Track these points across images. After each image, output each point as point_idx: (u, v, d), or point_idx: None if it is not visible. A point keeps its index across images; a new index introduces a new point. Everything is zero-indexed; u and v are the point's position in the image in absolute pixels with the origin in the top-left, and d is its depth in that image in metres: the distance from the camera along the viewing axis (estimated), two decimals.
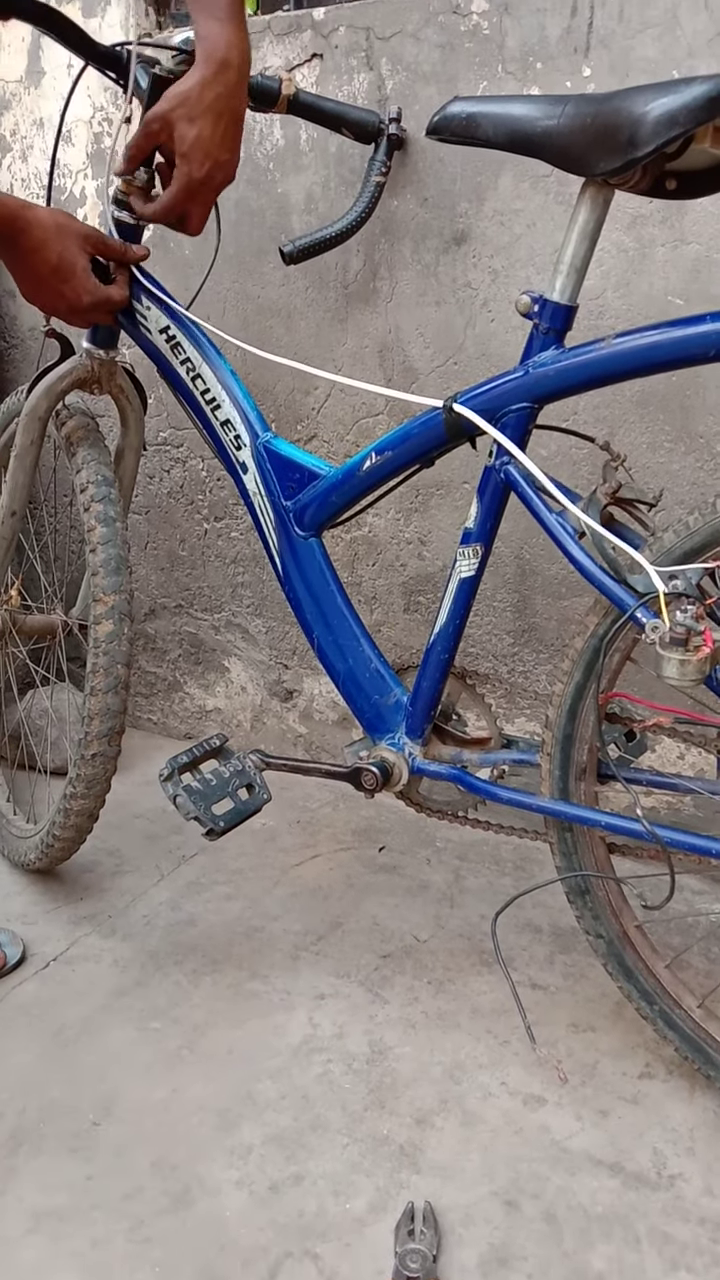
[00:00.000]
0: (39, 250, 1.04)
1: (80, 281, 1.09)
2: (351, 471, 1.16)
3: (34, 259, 1.05)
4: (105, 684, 1.25)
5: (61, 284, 1.07)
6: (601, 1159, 1.03)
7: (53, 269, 1.06)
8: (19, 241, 1.04)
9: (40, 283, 1.07)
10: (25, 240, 1.04)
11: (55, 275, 1.06)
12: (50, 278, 1.06)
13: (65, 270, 1.07)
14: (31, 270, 1.06)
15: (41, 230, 1.04)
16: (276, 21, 1.49)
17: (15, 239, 1.04)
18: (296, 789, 1.73)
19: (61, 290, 1.08)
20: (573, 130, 0.92)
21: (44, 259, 1.05)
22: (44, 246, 1.04)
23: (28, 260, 1.05)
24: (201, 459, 1.76)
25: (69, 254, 1.06)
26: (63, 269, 1.06)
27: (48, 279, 1.06)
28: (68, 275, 1.07)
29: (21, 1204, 0.98)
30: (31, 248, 1.04)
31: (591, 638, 1.01)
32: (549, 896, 1.41)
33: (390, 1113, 1.09)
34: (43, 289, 1.08)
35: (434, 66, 1.38)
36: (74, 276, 1.08)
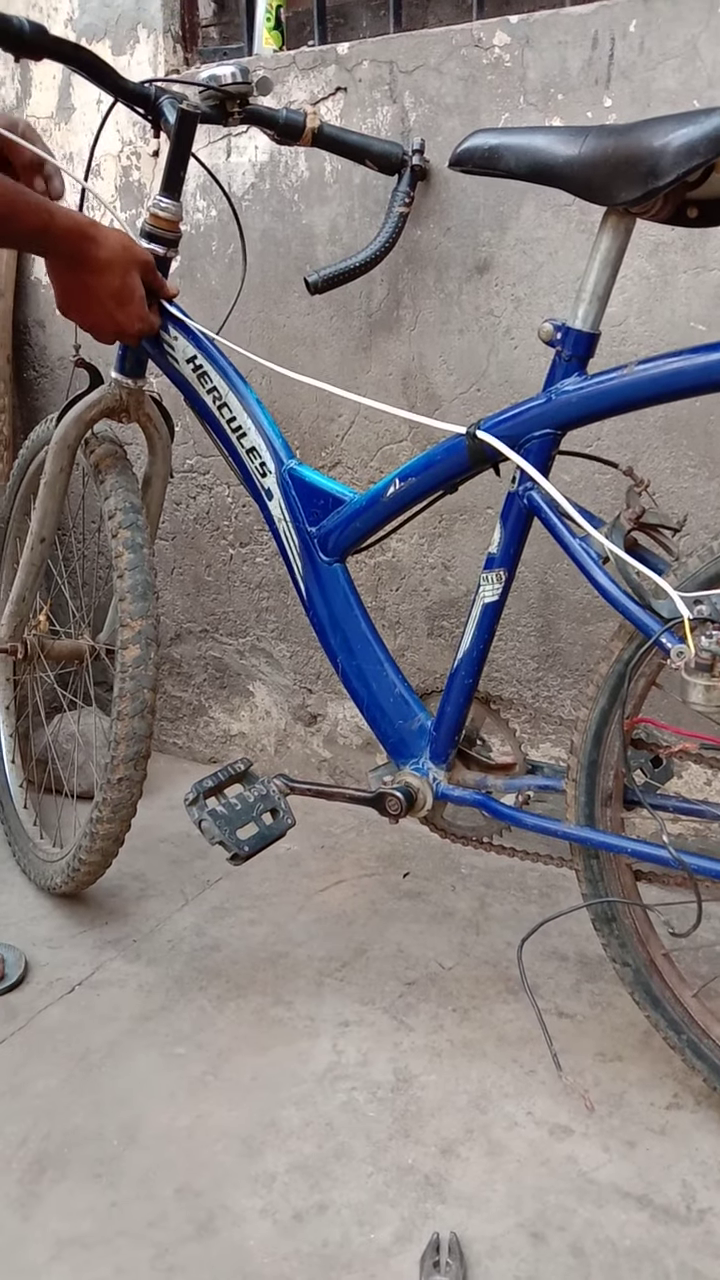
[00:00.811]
0: (104, 272, 1.05)
1: (136, 309, 1.10)
2: (375, 498, 1.17)
3: (97, 280, 1.06)
4: (132, 708, 1.26)
5: (118, 308, 1.08)
6: (629, 1191, 1.01)
7: (113, 292, 1.07)
8: (86, 260, 1.04)
9: (96, 303, 1.07)
10: (92, 260, 1.05)
11: (114, 299, 1.07)
12: (109, 300, 1.07)
13: (125, 295, 1.08)
14: (91, 290, 1.06)
15: (109, 252, 1.05)
16: (301, 56, 1.52)
17: (83, 257, 1.04)
18: (320, 814, 1.73)
19: (115, 314, 1.09)
20: (594, 161, 0.93)
21: (107, 281, 1.06)
22: (109, 269, 1.05)
23: (90, 280, 1.06)
24: (227, 485, 1.78)
25: (131, 280, 1.08)
26: (123, 294, 1.08)
27: (105, 301, 1.07)
28: (126, 300, 1.08)
29: (46, 1230, 0.98)
30: (97, 268, 1.05)
31: (616, 663, 1.01)
32: (575, 924, 1.40)
33: (415, 1142, 1.08)
34: (96, 308, 1.08)
35: (456, 99, 1.40)
36: (131, 303, 1.09)
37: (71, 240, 1.03)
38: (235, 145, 1.61)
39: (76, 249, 1.04)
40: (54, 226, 1.01)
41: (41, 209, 1.00)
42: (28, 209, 0.99)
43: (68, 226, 1.02)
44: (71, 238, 1.03)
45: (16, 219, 0.98)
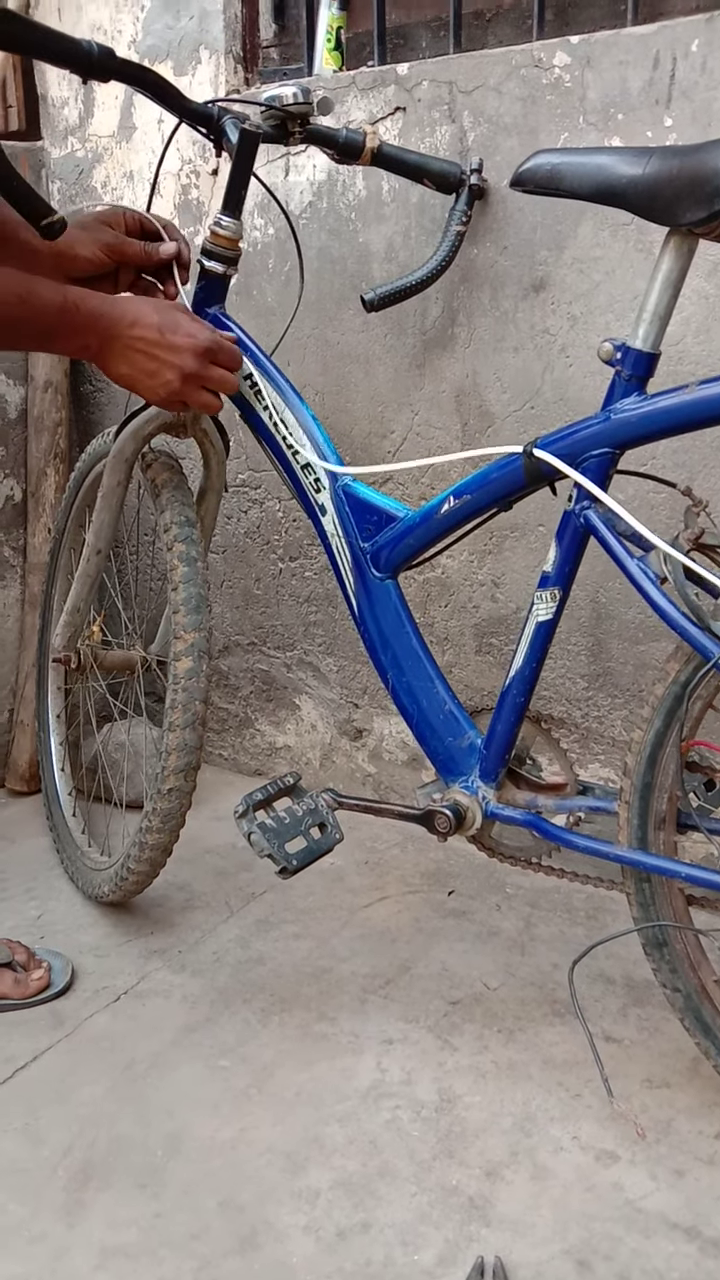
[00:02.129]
0: (139, 319, 1.04)
1: (189, 325, 1.08)
2: (429, 514, 1.17)
3: (137, 329, 1.04)
4: (183, 719, 1.27)
5: (173, 335, 1.06)
6: (677, 1222, 1.00)
7: (158, 326, 1.05)
8: (114, 322, 1.04)
9: (153, 348, 1.06)
10: (120, 317, 1.04)
11: (163, 331, 1.05)
12: (160, 337, 1.05)
13: (170, 324, 1.06)
14: (140, 341, 1.05)
15: (133, 303, 1.05)
16: (361, 77, 1.53)
17: (106, 319, 1.04)
18: (364, 829, 1.73)
19: (175, 341, 1.06)
20: (658, 181, 0.92)
21: (148, 323, 1.05)
22: (142, 314, 1.05)
23: (131, 334, 1.04)
24: (278, 500, 1.79)
25: (168, 312, 1.06)
26: (168, 323, 1.06)
27: (158, 340, 1.05)
28: (175, 326, 1.06)
29: (90, 1239, 0.99)
30: (131, 321, 1.04)
31: (673, 684, 1.00)
32: (622, 947, 1.38)
33: (459, 1163, 1.07)
34: (157, 353, 1.06)
35: (515, 118, 1.41)
36: (181, 324, 1.07)
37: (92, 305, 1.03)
38: (294, 164, 1.63)
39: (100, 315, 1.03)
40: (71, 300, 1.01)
41: (56, 287, 1.00)
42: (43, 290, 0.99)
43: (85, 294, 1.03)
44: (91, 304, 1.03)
45: (33, 301, 0.98)
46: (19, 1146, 1.10)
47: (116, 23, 1.78)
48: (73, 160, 1.90)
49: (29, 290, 0.99)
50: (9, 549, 1.90)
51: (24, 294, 0.99)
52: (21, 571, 1.92)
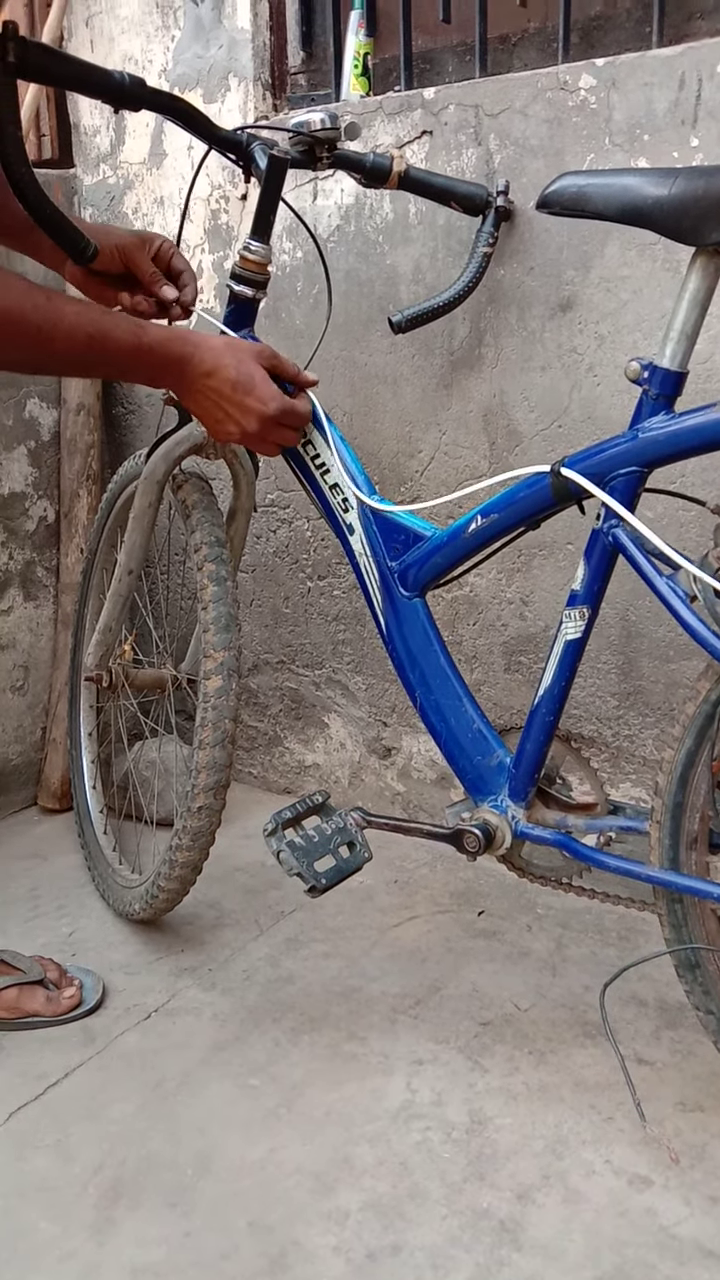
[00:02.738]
0: (216, 371, 1.05)
1: (263, 389, 1.08)
2: (457, 533, 1.17)
3: (213, 380, 1.05)
4: (213, 738, 1.27)
5: (245, 396, 1.07)
6: (713, 1249, 0.98)
7: (233, 384, 1.06)
8: (190, 368, 1.05)
9: (224, 401, 1.07)
10: (196, 365, 1.05)
11: (237, 390, 1.06)
12: (232, 394, 1.06)
13: (245, 383, 1.06)
14: (213, 392, 1.06)
15: (212, 352, 1.05)
16: (388, 101, 1.55)
17: (184, 366, 1.04)
18: (394, 848, 1.73)
19: (246, 403, 1.07)
20: (684, 201, 0.93)
21: (223, 378, 1.05)
22: (219, 367, 1.05)
23: (207, 384, 1.06)
24: (306, 519, 1.80)
25: (245, 366, 1.07)
26: (242, 382, 1.06)
27: (230, 396, 1.06)
28: (249, 387, 1.07)
29: (120, 1258, 0.99)
30: (207, 371, 1.05)
31: (704, 703, 0.99)
32: (654, 969, 1.37)
33: (490, 1185, 1.06)
34: (227, 408, 1.07)
35: (541, 141, 1.42)
36: (255, 387, 1.07)
37: (170, 350, 1.04)
38: (321, 188, 1.65)
39: (178, 360, 1.04)
40: (146, 340, 1.02)
41: (132, 324, 1.02)
42: (116, 327, 1.00)
43: (162, 337, 1.03)
44: (169, 350, 1.04)
45: (107, 340, 0.99)
46: (50, 1163, 1.10)
47: (148, 53, 1.82)
48: (104, 187, 1.93)
49: (100, 330, 1.00)
50: (42, 569, 1.93)
51: (95, 334, 0.99)
52: (55, 591, 1.95)
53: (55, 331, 0.97)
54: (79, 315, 0.98)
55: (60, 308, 0.97)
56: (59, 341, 0.98)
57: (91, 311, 1.00)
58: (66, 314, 0.98)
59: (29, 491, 1.89)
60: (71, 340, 0.98)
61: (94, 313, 1.00)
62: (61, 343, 0.98)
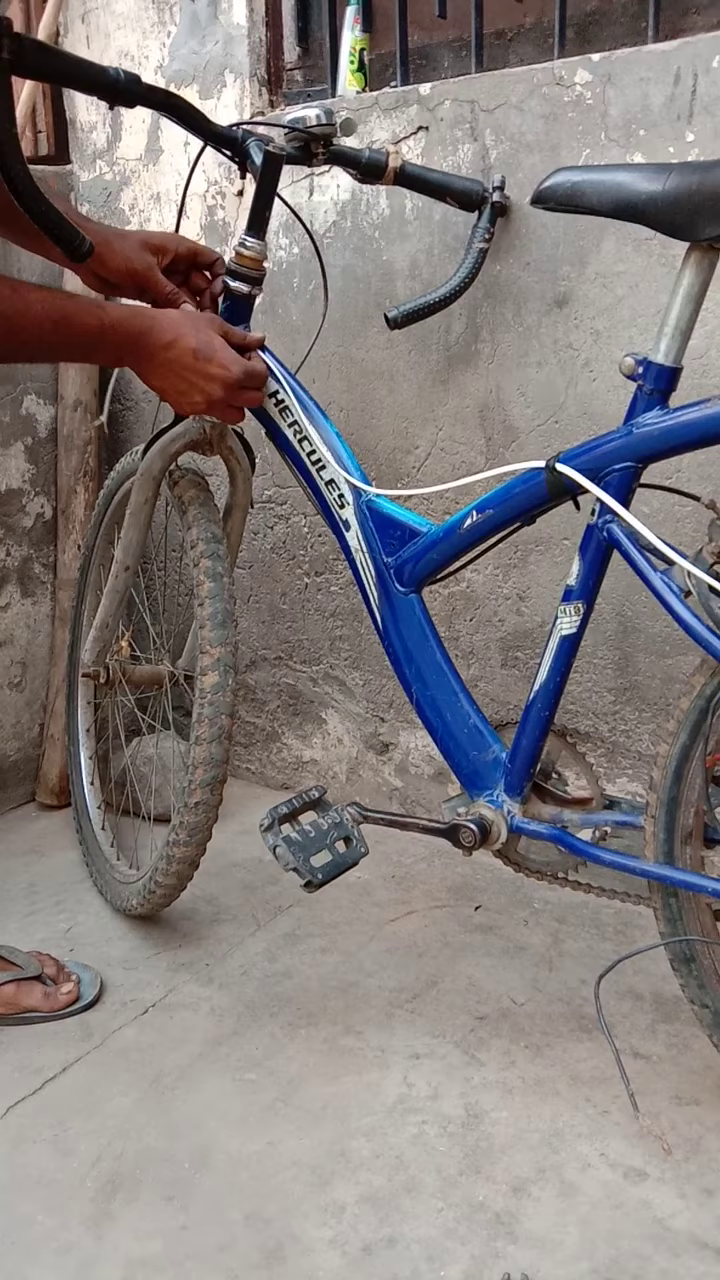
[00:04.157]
0: (176, 341, 1.06)
1: (223, 354, 1.09)
2: (452, 529, 1.18)
3: (173, 351, 1.07)
4: (210, 733, 1.28)
5: (207, 363, 1.08)
6: (707, 1242, 0.99)
7: (194, 352, 1.07)
8: (150, 340, 1.06)
9: (186, 371, 1.08)
10: (156, 336, 1.06)
11: (198, 358, 1.07)
12: (194, 362, 1.07)
13: (205, 350, 1.08)
14: (175, 363, 1.07)
15: (170, 323, 1.07)
16: (384, 97, 1.55)
17: (145, 339, 1.06)
18: (391, 843, 1.73)
19: (209, 370, 1.08)
20: (678, 197, 0.93)
21: (184, 347, 1.07)
22: (179, 336, 1.06)
23: (166, 355, 1.07)
24: (304, 515, 1.81)
25: (204, 334, 1.08)
26: (203, 349, 1.08)
27: (192, 365, 1.07)
28: (210, 353, 1.08)
29: (118, 1250, 0.99)
30: (167, 342, 1.06)
31: (698, 698, 1.00)
32: (650, 963, 1.37)
33: (486, 1179, 1.07)
34: (190, 377, 1.09)
35: (537, 136, 1.42)
36: (216, 352, 1.09)
37: (130, 326, 1.05)
38: (317, 184, 1.65)
39: (137, 333, 1.05)
40: (109, 319, 1.03)
41: (94, 305, 1.03)
42: (80, 310, 1.02)
43: (122, 318, 1.05)
44: (129, 326, 1.05)
45: (72, 322, 1.01)
46: (48, 1157, 1.11)
47: (144, 49, 1.82)
48: (101, 183, 1.93)
49: (64, 314, 1.01)
50: (40, 565, 1.93)
51: (59, 318, 1.01)
52: (52, 588, 1.95)
53: (22, 319, 0.98)
54: (44, 301, 1.00)
55: (25, 294, 0.99)
56: (27, 329, 0.99)
57: (55, 297, 1.01)
58: (32, 300, 0.99)
59: (26, 488, 1.89)
60: (39, 326, 0.99)
61: (58, 298, 1.02)
62: (29, 330, 0.99)
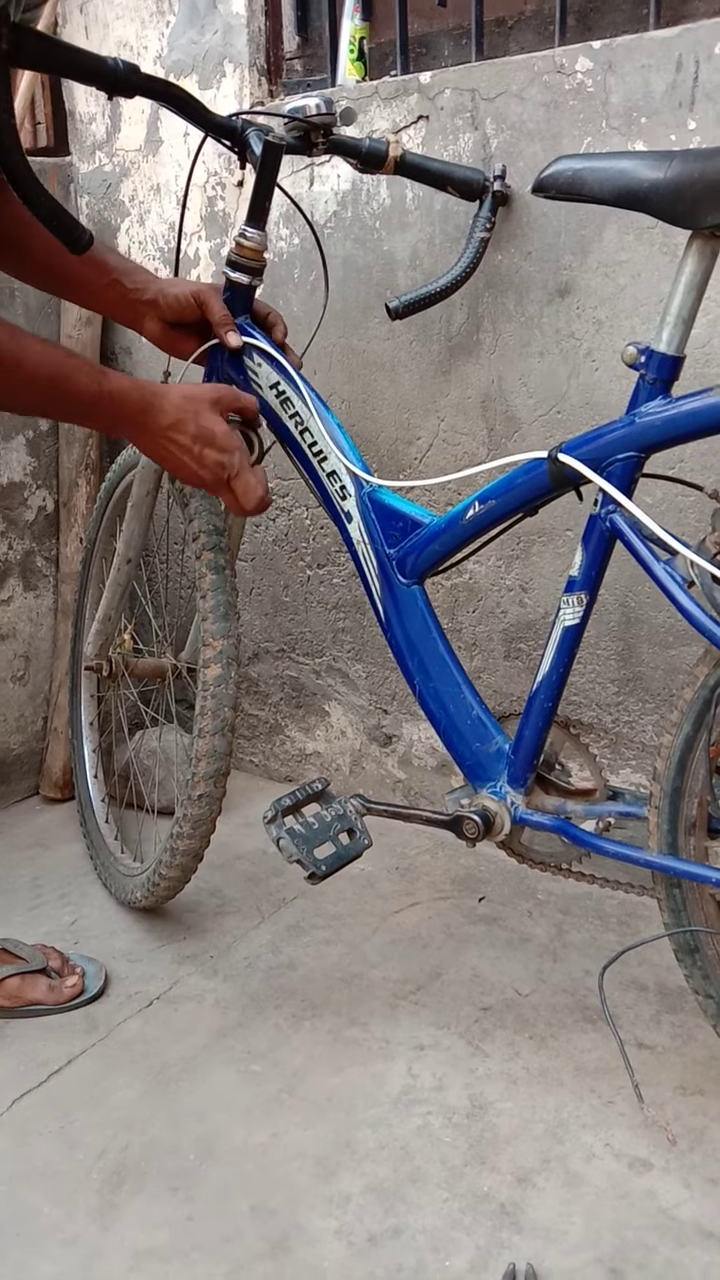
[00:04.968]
0: (176, 424, 1.07)
1: (223, 441, 1.10)
2: (454, 520, 1.17)
3: (174, 433, 1.08)
4: (213, 726, 1.28)
5: (205, 448, 1.09)
6: (712, 1231, 0.99)
7: (193, 436, 1.08)
8: (150, 419, 1.07)
9: (184, 454, 1.09)
10: (156, 417, 1.07)
11: (197, 442, 1.08)
12: (192, 445, 1.08)
13: (205, 435, 1.09)
14: (174, 444, 1.08)
15: (173, 405, 1.07)
16: (384, 86, 1.54)
17: (145, 417, 1.07)
18: (394, 835, 1.73)
19: (205, 455, 1.09)
20: (679, 184, 0.92)
21: (184, 431, 1.08)
22: (179, 421, 1.07)
23: (169, 435, 1.08)
24: (306, 508, 1.80)
25: (204, 419, 1.09)
26: (202, 435, 1.08)
27: (190, 448, 1.09)
28: (209, 438, 1.09)
29: (124, 1242, 1.00)
30: (166, 425, 1.07)
31: (701, 689, 0.99)
32: (655, 953, 1.37)
33: (491, 1169, 1.07)
34: (187, 460, 1.10)
35: (538, 124, 1.41)
36: (215, 439, 1.09)
37: (131, 404, 1.05)
38: (318, 174, 1.64)
39: (141, 416, 1.06)
40: (108, 388, 1.03)
41: (95, 371, 1.03)
42: (78, 371, 1.01)
43: (123, 389, 1.05)
44: (130, 401, 1.05)
45: (69, 381, 1.00)
46: (53, 1149, 1.11)
47: (143, 39, 1.81)
48: (100, 175, 1.93)
49: (63, 372, 1.00)
50: (42, 559, 1.93)
51: (57, 375, 1.00)
52: (54, 581, 1.95)
53: (19, 369, 0.97)
54: (43, 355, 0.99)
55: (26, 345, 0.98)
56: (21, 380, 0.98)
57: (56, 352, 1.01)
58: (31, 351, 0.98)
59: (28, 481, 1.89)
60: (33, 379, 0.99)
61: (58, 354, 1.01)
62: (23, 381, 0.98)
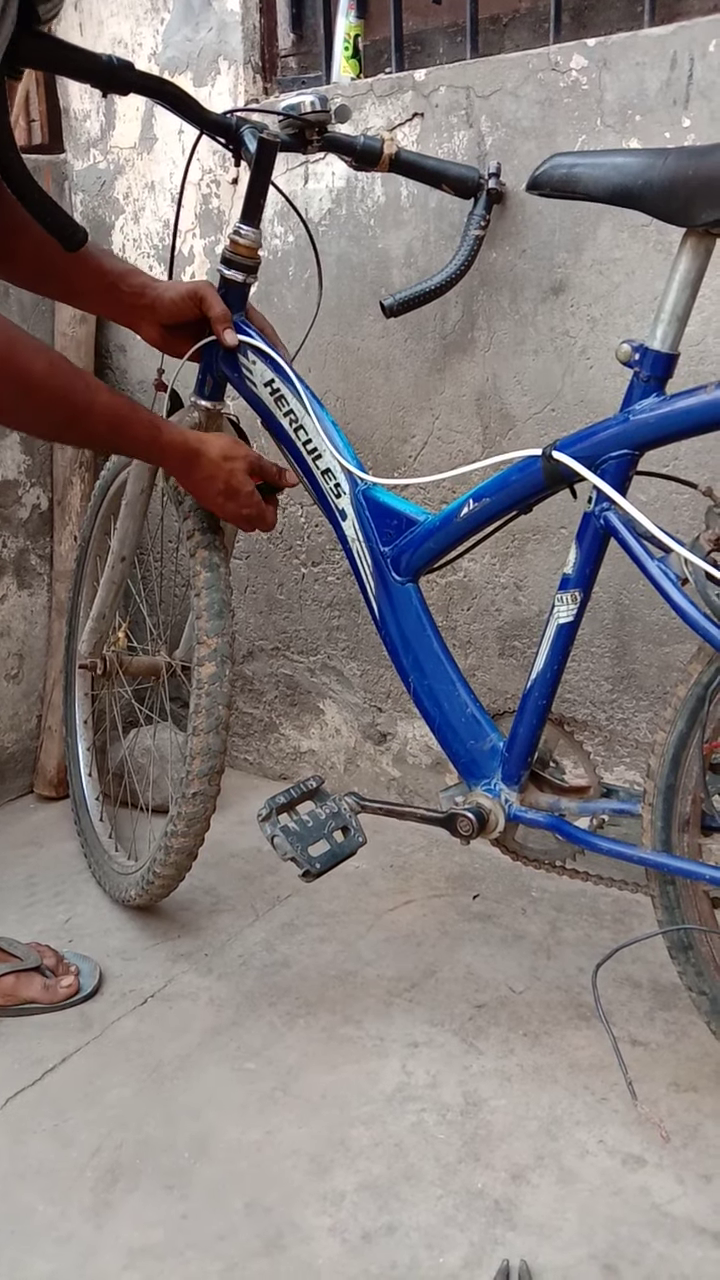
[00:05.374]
0: (211, 478, 1.23)
1: (245, 498, 1.25)
2: (449, 518, 1.17)
3: (207, 484, 1.23)
4: (207, 724, 1.28)
5: (228, 501, 1.25)
6: (705, 1227, 0.99)
7: (221, 491, 1.24)
8: (193, 470, 1.22)
9: (215, 495, 1.25)
10: (199, 469, 1.22)
11: (224, 494, 1.24)
12: (221, 493, 1.24)
13: (232, 492, 1.24)
14: (205, 486, 1.24)
15: (210, 462, 1.22)
16: (379, 84, 1.54)
17: (190, 468, 1.22)
18: (389, 832, 1.74)
19: (227, 506, 1.26)
20: (674, 182, 0.92)
21: (214, 483, 1.23)
22: (214, 475, 1.23)
23: (202, 483, 1.24)
24: (300, 505, 1.80)
25: (235, 480, 1.24)
26: (229, 491, 1.24)
27: (217, 495, 1.24)
28: (234, 493, 1.24)
29: (118, 1240, 1.00)
30: (205, 476, 1.22)
31: (695, 686, 1.00)
32: (648, 951, 1.37)
33: (485, 1166, 1.07)
34: (214, 500, 1.26)
35: (533, 122, 1.41)
36: (239, 494, 1.25)
37: (177, 453, 1.20)
38: (313, 172, 1.64)
39: (185, 463, 1.21)
40: (160, 441, 1.18)
41: (150, 425, 1.16)
42: (138, 423, 1.15)
43: (173, 441, 1.19)
44: (176, 451, 1.20)
45: (126, 432, 1.14)
46: (48, 1147, 1.11)
47: (137, 36, 1.80)
48: (95, 172, 1.92)
49: (123, 422, 1.13)
50: (36, 557, 1.93)
51: (117, 424, 1.12)
52: (49, 579, 1.95)
53: (88, 415, 1.09)
54: (108, 405, 1.11)
55: (95, 395, 1.10)
56: (86, 424, 1.10)
57: (119, 402, 1.13)
58: (99, 401, 1.10)
59: (22, 479, 1.88)
60: (96, 426, 1.11)
61: (121, 403, 1.13)
62: (87, 425, 1.11)
